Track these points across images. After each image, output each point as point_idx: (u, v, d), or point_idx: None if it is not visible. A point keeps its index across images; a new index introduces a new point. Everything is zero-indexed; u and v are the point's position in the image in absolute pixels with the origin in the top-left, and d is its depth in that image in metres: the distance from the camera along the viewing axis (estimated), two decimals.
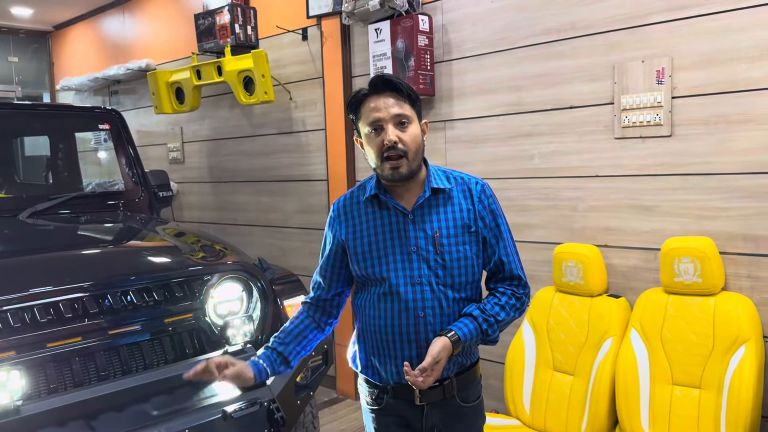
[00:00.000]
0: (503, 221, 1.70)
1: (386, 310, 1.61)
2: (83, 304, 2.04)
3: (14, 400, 1.64)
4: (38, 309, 1.96)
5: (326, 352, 2.50)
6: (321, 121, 4.17)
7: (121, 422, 1.95)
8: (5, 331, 1.89)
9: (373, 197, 1.67)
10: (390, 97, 1.58)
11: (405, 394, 1.64)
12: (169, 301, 2.23)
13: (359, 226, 1.67)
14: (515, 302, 1.67)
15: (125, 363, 2.08)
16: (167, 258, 2.39)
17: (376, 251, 1.63)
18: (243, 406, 2.08)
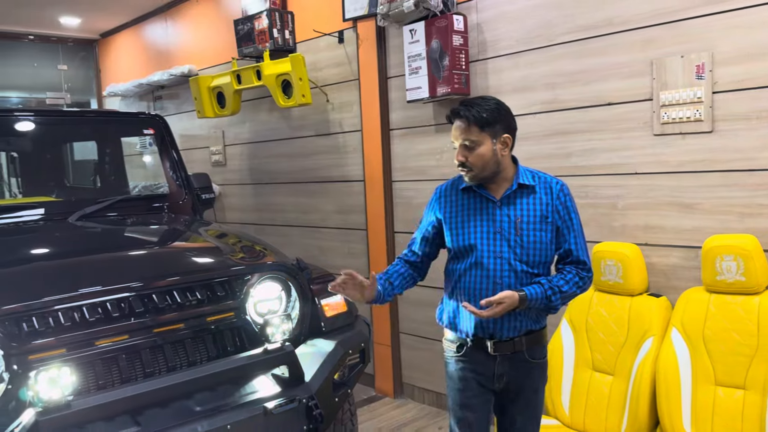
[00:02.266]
0: (575, 215, 2.07)
1: (472, 276, 2.02)
2: (130, 303, 2.11)
3: (65, 395, 1.72)
4: (87, 308, 2.04)
5: (363, 350, 2.53)
6: (357, 123, 4.21)
7: (165, 418, 2.02)
8: (56, 330, 1.98)
9: (469, 187, 2.07)
10: (461, 122, 1.98)
11: (481, 346, 2.03)
12: (211, 300, 2.29)
13: (456, 209, 2.08)
14: (578, 280, 2.02)
15: (169, 360, 2.15)
16: (209, 258, 2.46)
17: (467, 229, 2.03)
18: (282, 402, 2.13)
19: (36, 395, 1.69)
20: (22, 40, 6.38)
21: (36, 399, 1.70)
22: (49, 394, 1.70)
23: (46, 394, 1.69)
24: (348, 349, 2.44)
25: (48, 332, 1.96)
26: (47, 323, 1.96)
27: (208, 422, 2.00)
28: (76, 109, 3.64)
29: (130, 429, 1.94)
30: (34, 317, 1.96)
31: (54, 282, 2.10)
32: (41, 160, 3.66)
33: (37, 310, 1.96)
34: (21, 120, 3.29)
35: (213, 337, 2.29)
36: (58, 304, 1.99)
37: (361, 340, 2.53)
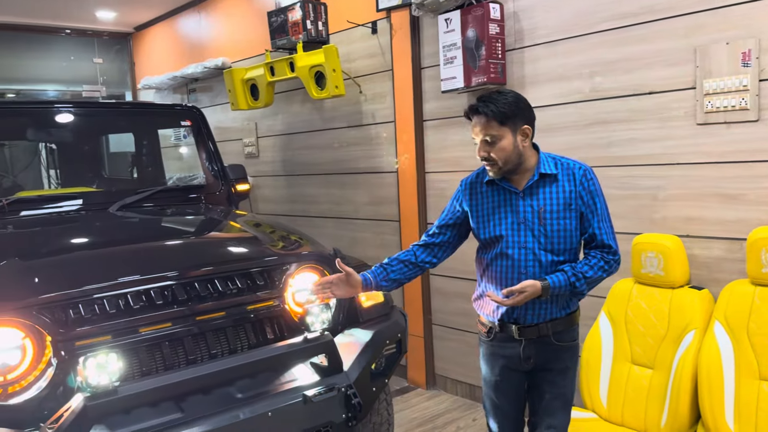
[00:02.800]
0: (599, 199, 2.07)
1: (498, 266, 2.08)
2: (172, 291, 2.14)
3: (112, 381, 1.76)
4: (131, 296, 2.08)
5: (400, 341, 2.54)
6: (390, 114, 4.21)
7: (208, 404, 2.04)
8: (102, 316, 2.02)
9: (491, 180, 2.10)
10: (481, 118, 2.00)
11: (508, 330, 2.10)
12: (251, 289, 2.31)
13: (481, 201, 2.13)
14: (603, 264, 2.05)
15: (211, 347, 2.18)
16: (249, 248, 2.49)
17: (493, 220, 2.09)
18: (322, 391, 2.15)
19: (84, 381, 1.72)
20: (58, 34, 6.50)
21: (84, 384, 1.73)
22: (96, 379, 1.73)
23: (94, 380, 1.73)
24: (385, 339, 2.44)
25: (93, 319, 2.00)
26: (93, 310, 2.00)
27: (249, 409, 2.03)
28: (115, 101, 3.69)
29: (174, 415, 1.97)
30: (80, 304, 2.00)
31: (98, 270, 2.14)
32: (79, 152, 3.73)
33: (83, 298, 2.00)
34: (60, 112, 3.35)
35: (253, 326, 2.31)
36: (103, 291, 2.03)
37: (398, 330, 2.53)
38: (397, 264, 2.20)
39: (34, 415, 1.89)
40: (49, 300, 1.95)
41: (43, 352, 1.96)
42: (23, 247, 2.33)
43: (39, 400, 1.90)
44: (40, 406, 1.90)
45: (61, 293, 1.97)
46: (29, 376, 1.94)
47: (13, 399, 1.89)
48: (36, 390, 1.92)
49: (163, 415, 1.96)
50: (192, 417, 1.97)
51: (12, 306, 1.89)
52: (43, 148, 3.88)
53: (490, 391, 2.23)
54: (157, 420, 1.93)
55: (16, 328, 1.92)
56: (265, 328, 2.33)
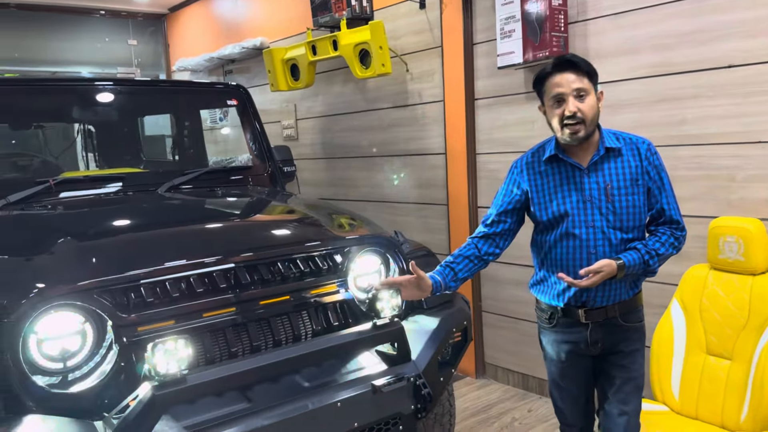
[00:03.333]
0: (665, 174, 2.02)
1: (564, 247, 2.00)
2: (235, 274, 2.04)
3: (181, 369, 1.66)
4: (194, 279, 1.97)
5: (466, 329, 2.41)
6: (439, 93, 4.05)
7: (275, 393, 1.94)
8: (164, 300, 1.92)
9: (553, 157, 2.02)
10: (571, 73, 1.92)
11: (573, 314, 2.03)
12: (314, 273, 2.20)
13: (542, 180, 2.04)
14: (673, 241, 2.00)
15: (276, 334, 2.08)
16: (310, 230, 2.38)
17: (556, 200, 2.00)
18: (391, 380, 2.03)
19: (153, 368, 1.63)
20: (92, 15, 6.43)
21: (151, 372, 1.64)
22: (164, 367, 1.63)
23: (162, 368, 1.63)
24: (452, 327, 2.32)
25: (156, 303, 1.90)
26: (155, 293, 1.91)
27: (318, 399, 1.92)
28: (159, 80, 3.59)
29: (241, 405, 1.88)
30: (142, 287, 1.90)
31: (159, 251, 2.05)
32: (121, 133, 3.65)
33: (145, 280, 1.90)
34: (101, 90, 3.25)
35: (317, 312, 2.20)
36: (165, 273, 1.93)
37: (464, 318, 2.41)
38: (462, 261, 2.10)
39: (95, 404, 1.80)
40: (109, 282, 1.85)
41: (104, 338, 1.87)
42: (76, 228, 2.24)
43: (100, 388, 1.82)
44: (101, 395, 1.82)
45: (122, 275, 1.87)
46: (89, 363, 1.85)
47: (73, 387, 1.81)
48: (97, 377, 1.83)
49: (231, 404, 1.87)
50: (260, 407, 1.87)
51: (70, 288, 1.80)
52: (82, 129, 3.79)
53: (557, 378, 2.16)
54: (224, 410, 1.84)
55: (75, 312, 1.83)
56: (328, 313, 2.22)
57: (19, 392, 1.69)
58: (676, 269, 2.82)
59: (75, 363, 1.84)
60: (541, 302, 2.14)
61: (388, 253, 2.42)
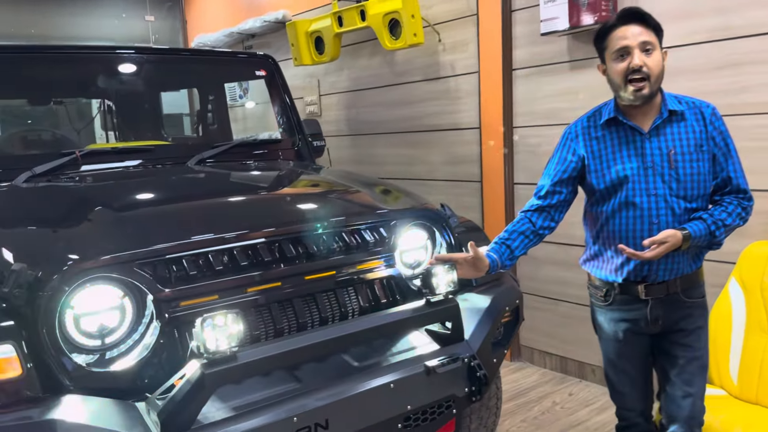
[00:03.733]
0: (731, 141, 1.92)
1: (623, 218, 1.89)
2: (280, 247, 1.92)
3: (230, 346, 1.54)
4: (238, 251, 1.85)
5: (517, 308, 2.29)
6: (473, 64, 3.90)
7: (324, 373, 1.84)
8: (207, 274, 1.80)
9: (611, 120, 1.92)
10: (637, 26, 1.82)
11: (631, 290, 1.92)
12: (360, 247, 2.08)
13: (599, 145, 1.93)
14: (740, 211, 1.89)
15: (322, 311, 1.96)
16: (355, 202, 2.25)
17: (614, 167, 1.89)
18: (446, 361, 1.91)
19: (202, 345, 1.51)
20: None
21: (200, 349, 1.52)
22: (213, 344, 1.51)
23: (211, 344, 1.51)
24: (505, 306, 2.19)
25: (198, 277, 1.78)
26: (197, 266, 1.79)
27: (370, 380, 1.81)
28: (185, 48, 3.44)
29: (290, 385, 1.76)
30: (184, 259, 1.78)
31: (200, 222, 1.93)
32: (141, 106, 3.53)
33: (188, 252, 1.78)
34: (122, 59, 3.09)
35: (364, 288, 2.08)
36: (208, 245, 1.81)
37: (516, 297, 2.28)
38: (517, 237, 2.01)
39: (135, 384, 1.70)
40: (150, 254, 1.73)
41: (143, 313, 1.75)
42: (111, 198, 2.12)
43: (140, 366, 1.71)
44: (142, 374, 1.71)
45: (164, 246, 1.75)
46: (128, 340, 1.74)
47: (112, 365, 1.70)
48: (137, 355, 1.72)
49: (279, 385, 1.76)
50: (309, 388, 1.75)
51: (109, 260, 1.66)
52: (103, 102, 3.67)
53: (614, 359, 2.06)
54: (273, 390, 1.73)
55: (113, 286, 1.71)
56: (375, 290, 2.10)
57: (56, 371, 1.59)
58: (734, 246, 2.66)
59: (114, 340, 1.72)
60: (595, 279, 2.04)
61: (435, 227, 2.29)
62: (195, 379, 1.49)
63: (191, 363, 1.54)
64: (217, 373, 1.52)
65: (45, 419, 1.48)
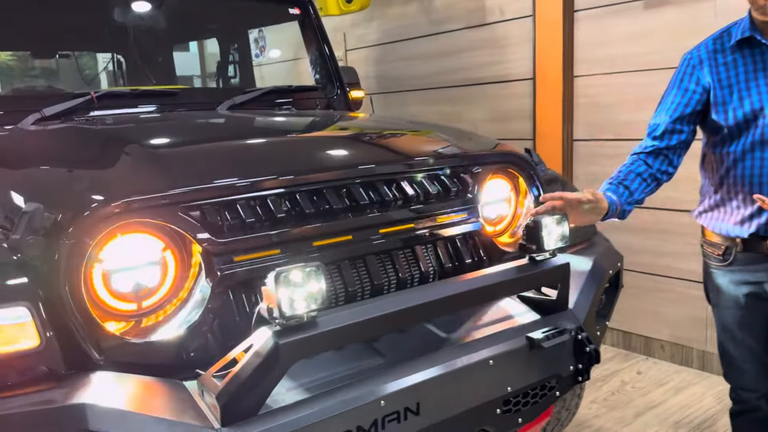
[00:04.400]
0: None
1: (757, 160, 1.63)
2: (350, 193, 1.58)
3: (309, 309, 1.20)
4: (302, 197, 1.51)
5: (618, 274, 1.96)
6: (526, 7, 3.52)
7: (408, 346, 1.52)
8: (267, 223, 1.46)
9: (745, 41, 1.63)
10: None
11: (757, 247, 1.67)
12: (442, 196, 1.75)
13: (728, 73, 1.66)
14: None
15: (400, 271, 1.63)
16: (433, 144, 1.89)
17: (749, 97, 1.62)
18: (551, 333, 1.58)
19: (275, 307, 1.16)
20: None
21: (272, 313, 1.17)
22: (287, 307, 1.17)
23: (286, 308, 1.17)
24: (608, 270, 1.87)
25: (256, 226, 1.43)
26: (256, 213, 1.45)
27: (464, 355, 1.48)
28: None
29: (371, 360, 1.44)
30: (240, 205, 1.43)
31: (255, 162, 1.60)
32: (157, 52, 3.16)
33: (244, 195, 1.44)
34: None
35: (447, 246, 1.75)
36: (268, 187, 1.47)
37: (617, 259, 1.97)
38: (634, 179, 1.74)
39: (180, 358, 1.36)
40: (199, 195, 1.38)
41: (189, 270, 1.41)
42: (140, 137, 1.77)
43: (187, 336, 1.37)
44: (188, 346, 1.37)
45: (217, 185, 1.41)
46: (171, 303, 1.41)
47: (152, 335, 1.36)
48: (182, 322, 1.39)
49: (357, 360, 1.44)
50: (394, 363, 1.43)
51: (146, 201, 1.32)
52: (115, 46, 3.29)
53: (733, 328, 1.79)
54: (351, 367, 1.42)
55: (153, 235, 1.37)
56: (460, 249, 1.76)
57: (82, 341, 1.25)
58: None
59: (152, 303, 1.39)
60: (712, 234, 1.77)
61: (522, 174, 1.95)
62: (267, 351, 1.16)
63: (261, 331, 1.19)
64: (294, 344, 1.18)
65: (70, 404, 1.15)
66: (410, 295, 1.42)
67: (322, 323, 1.23)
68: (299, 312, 1.19)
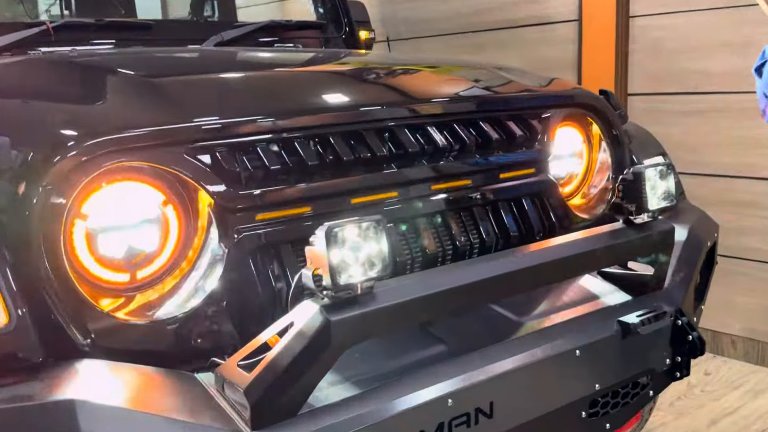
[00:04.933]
0: None
1: None
2: (393, 138, 1.44)
3: (365, 278, 1.06)
4: (336, 140, 1.37)
5: (714, 247, 1.86)
6: None
7: (473, 331, 1.41)
8: (294, 174, 1.32)
9: None
10: None
11: None
12: (505, 146, 1.62)
13: None
14: None
15: (458, 239, 1.50)
16: (491, 82, 1.77)
17: None
18: (648, 318, 1.47)
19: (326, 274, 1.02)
20: None
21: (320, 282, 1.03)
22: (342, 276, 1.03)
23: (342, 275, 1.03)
24: (706, 242, 1.78)
25: (281, 177, 1.30)
26: (281, 160, 1.31)
27: (546, 342, 1.36)
28: None
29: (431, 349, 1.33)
30: (261, 148, 1.29)
31: (278, 96, 1.46)
32: None
33: (266, 136, 1.29)
34: None
35: (510, 207, 1.63)
36: (297, 127, 1.33)
37: (714, 229, 1.88)
38: None
39: (188, 344, 1.22)
40: (212, 134, 1.24)
41: (198, 231, 1.27)
42: (127, 66, 1.61)
43: (195, 315, 1.23)
44: (196, 328, 1.23)
45: (235, 121, 1.27)
46: (174, 274, 1.26)
47: (151, 314, 1.22)
48: (189, 298, 1.24)
49: (414, 347, 1.32)
50: (459, 351, 1.31)
51: (141, 140, 1.18)
52: None
53: None
54: (409, 355, 1.30)
55: (150, 185, 1.23)
56: (527, 210, 1.65)
57: (64, 320, 1.11)
58: None
59: (151, 273, 1.25)
60: None
61: (598, 121, 1.84)
62: (315, 331, 1.02)
63: (305, 305, 1.06)
64: (351, 321, 1.04)
65: (54, 400, 1.01)
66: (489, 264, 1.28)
67: (382, 296, 1.09)
68: (354, 280, 1.05)
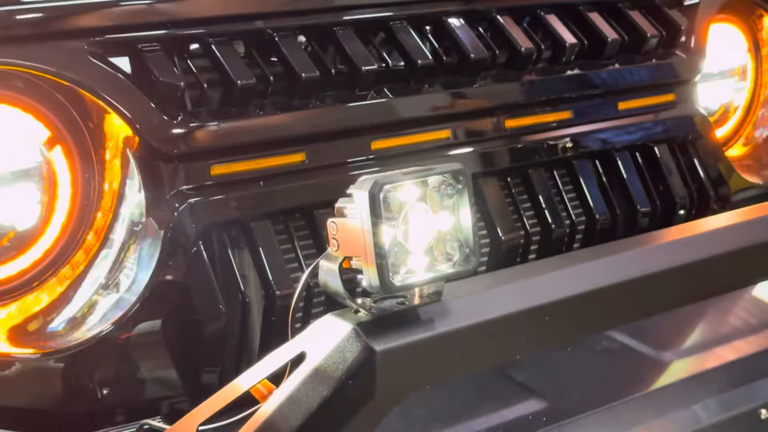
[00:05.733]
0: None
1: None
2: (445, 34, 1.22)
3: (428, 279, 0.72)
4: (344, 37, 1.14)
5: None
6: None
7: (581, 376, 1.16)
8: (275, 95, 1.09)
9: None
10: None
11: None
12: (624, 52, 1.36)
13: None
14: None
15: (551, 215, 1.25)
16: None
17: None
18: None
19: (370, 269, 0.70)
20: None
21: (358, 283, 0.74)
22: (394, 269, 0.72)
23: (372, 279, 0.69)
24: None
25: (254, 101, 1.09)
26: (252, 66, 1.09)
27: (708, 397, 1.12)
28: None
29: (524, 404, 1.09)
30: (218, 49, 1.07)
31: None
32: None
33: (224, 28, 1.08)
34: None
35: (634, 160, 1.38)
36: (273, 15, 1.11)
37: None
38: None
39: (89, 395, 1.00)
40: (128, 19, 1.02)
41: (106, 191, 1.03)
42: None
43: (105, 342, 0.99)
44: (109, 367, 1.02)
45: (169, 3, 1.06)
46: (64, 269, 1.03)
47: (22, 339, 0.99)
48: (93, 310, 1.01)
49: (493, 401, 1.07)
50: (569, 410, 1.06)
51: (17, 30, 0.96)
52: None
53: None
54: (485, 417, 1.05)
55: (28, 112, 1.00)
56: (663, 166, 1.40)
57: None
58: None
59: (26, 267, 1.03)
60: None
61: None
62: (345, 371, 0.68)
63: (327, 323, 0.70)
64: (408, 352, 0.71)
65: None
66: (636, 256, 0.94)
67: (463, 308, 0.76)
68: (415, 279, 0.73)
